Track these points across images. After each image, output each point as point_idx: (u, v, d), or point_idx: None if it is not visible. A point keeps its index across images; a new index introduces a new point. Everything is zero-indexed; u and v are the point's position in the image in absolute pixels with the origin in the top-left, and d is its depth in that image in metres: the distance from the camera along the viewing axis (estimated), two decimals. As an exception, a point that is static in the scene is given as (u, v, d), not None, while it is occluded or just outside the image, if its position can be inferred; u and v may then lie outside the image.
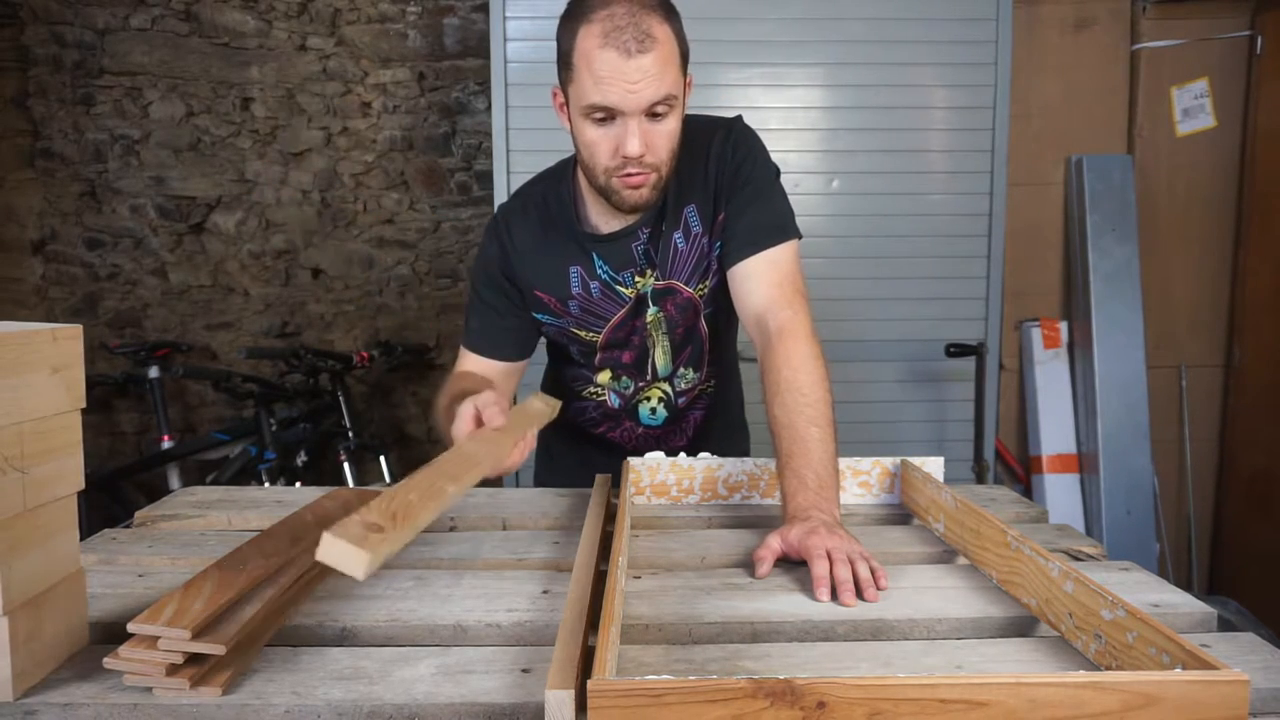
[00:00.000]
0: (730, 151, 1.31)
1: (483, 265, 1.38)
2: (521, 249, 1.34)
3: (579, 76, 1.14)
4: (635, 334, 1.37)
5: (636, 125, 1.14)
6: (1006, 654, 0.78)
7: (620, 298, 1.34)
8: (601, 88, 1.12)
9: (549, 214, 1.35)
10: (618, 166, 1.18)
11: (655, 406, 1.45)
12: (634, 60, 1.10)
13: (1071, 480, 3.00)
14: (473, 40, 3.22)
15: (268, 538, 0.91)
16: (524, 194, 1.40)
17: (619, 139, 1.15)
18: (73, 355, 0.75)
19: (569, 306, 1.35)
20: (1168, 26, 2.95)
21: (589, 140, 1.18)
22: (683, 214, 1.31)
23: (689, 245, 1.33)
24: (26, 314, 3.24)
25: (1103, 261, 2.94)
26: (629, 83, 1.11)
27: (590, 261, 1.33)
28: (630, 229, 1.31)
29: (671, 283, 1.34)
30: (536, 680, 0.71)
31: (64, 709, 0.68)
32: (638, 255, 1.33)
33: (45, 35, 3.17)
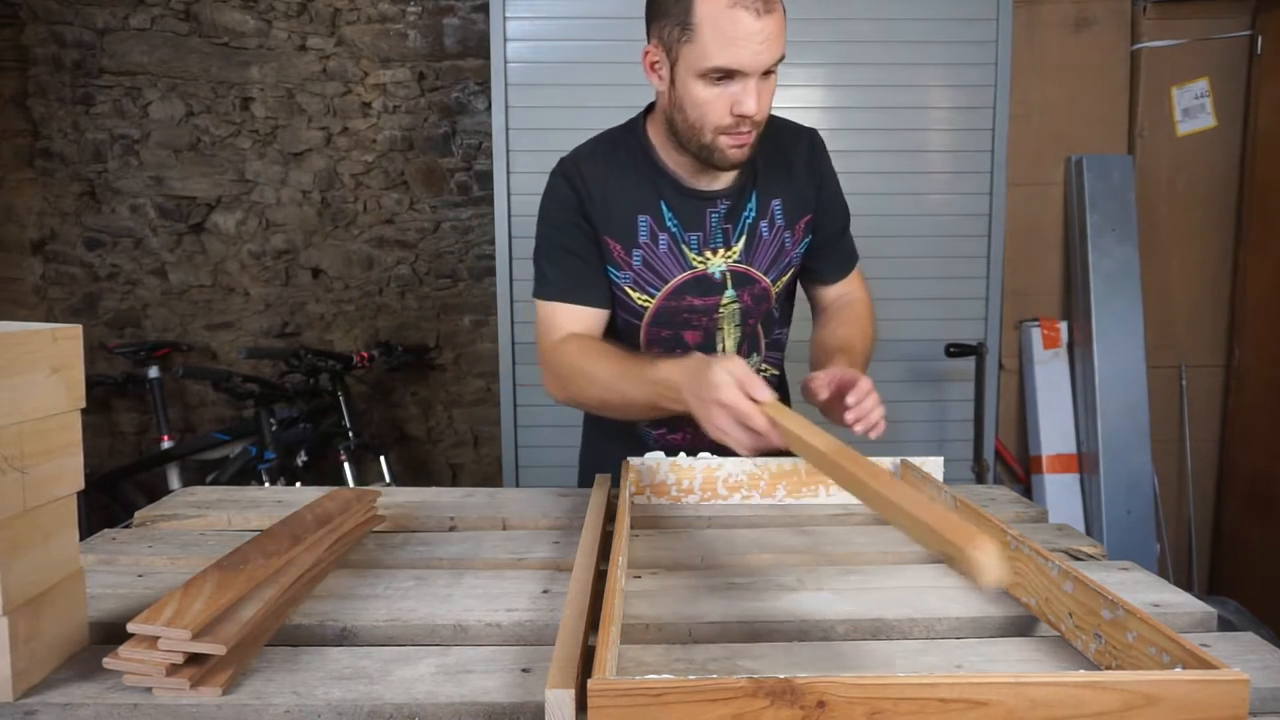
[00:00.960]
0: (819, 163, 1.41)
1: (556, 210, 1.34)
2: (594, 191, 1.31)
3: (700, 37, 1.15)
4: (699, 313, 1.36)
5: (754, 84, 1.17)
6: (1006, 653, 0.78)
7: (684, 261, 1.33)
8: (729, 49, 1.14)
9: (619, 160, 1.34)
10: (730, 125, 1.20)
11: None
12: (761, 21, 1.13)
13: (1071, 480, 3.00)
14: (473, 40, 3.22)
15: (268, 538, 0.91)
16: (589, 143, 1.38)
17: (735, 98, 1.18)
18: (73, 355, 0.75)
19: (632, 258, 1.33)
20: (1168, 26, 2.95)
21: (702, 99, 1.20)
22: (770, 205, 1.36)
23: (772, 236, 1.37)
24: (26, 314, 3.24)
25: (1103, 261, 2.94)
26: (756, 44, 1.14)
27: (659, 211, 1.32)
28: (709, 194, 1.32)
29: (750, 270, 1.36)
30: (536, 680, 0.72)
31: (64, 709, 0.68)
32: (711, 225, 1.33)
33: (45, 35, 3.17)
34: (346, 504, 1.05)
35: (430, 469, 3.45)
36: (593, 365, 1.24)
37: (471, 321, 3.37)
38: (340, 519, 1.00)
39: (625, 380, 1.19)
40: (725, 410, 1.02)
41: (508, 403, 2.71)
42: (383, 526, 1.13)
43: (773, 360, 1.49)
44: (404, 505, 1.22)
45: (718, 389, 1.02)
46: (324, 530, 0.96)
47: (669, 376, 1.11)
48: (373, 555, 1.02)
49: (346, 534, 1.01)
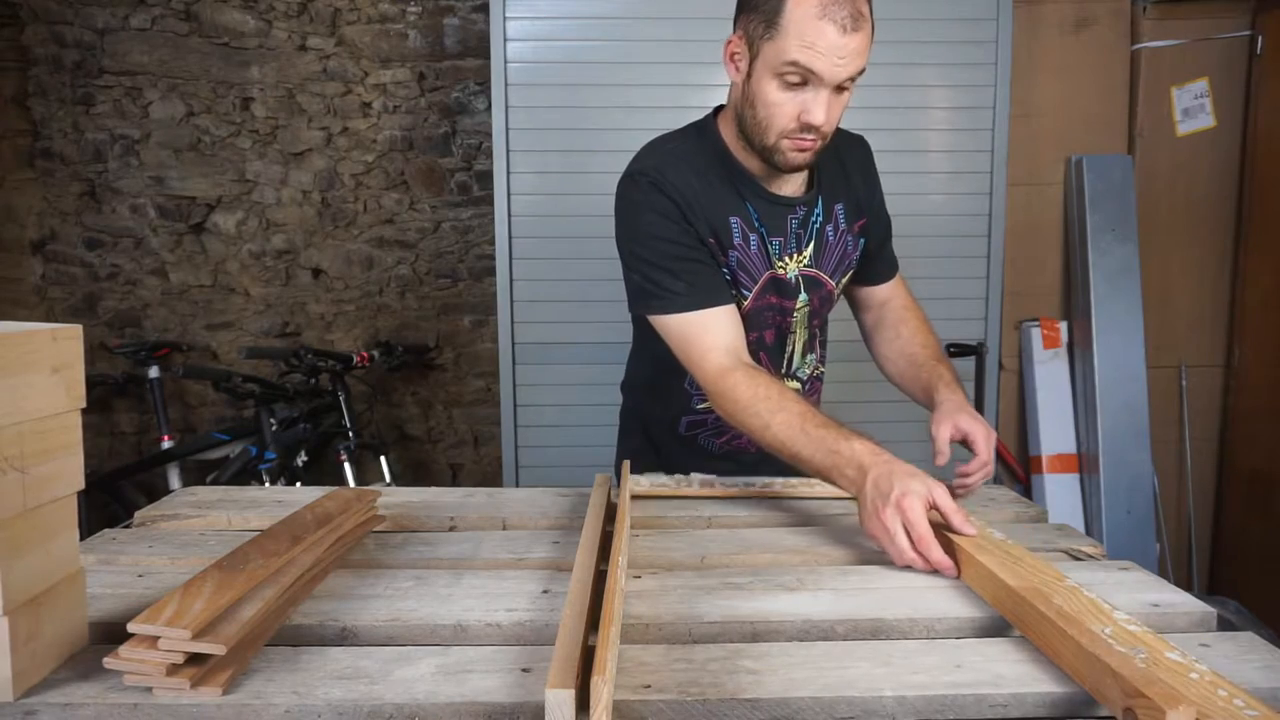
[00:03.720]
0: (872, 172, 1.48)
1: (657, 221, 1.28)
2: (687, 196, 1.29)
3: (784, 37, 1.16)
4: (777, 313, 1.38)
5: (826, 95, 1.18)
6: (1006, 653, 0.78)
7: (769, 261, 1.35)
8: (808, 53, 1.15)
9: (700, 165, 1.32)
10: (795, 130, 1.21)
11: None
12: (846, 37, 1.14)
13: (1071, 480, 3.00)
14: (473, 40, 3.22)
15: (268, 538, 0.91)
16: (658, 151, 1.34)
17: (805, 105, 1.19)
18: (73, 355, 0.75)
19: (730, 258, 1.32)
20: (1168, 26, 2.95)
21: (772, 100, 1.20)
22: (834, 210, 1.40)
23: (836, 240, 1.40)
24: (26, 314, 3.24)
25: (1103, 261, 2.94)
26: (837, 57, 1.15)
27: (747, 213, 1.33)
28: (787, 200, 1.34)
29: (819, 273, 1.39)
30: (536, 680, 0.72)
31: (64, 709, 0.68)
32: (791, 230, 1.35)
33: (45, 35, 3.17)
34: (346, 504, 1.05)
35: (430, 469, 3.45)
36: (769, 411, 1.16)
37: (471, 321, 3.37)
38: (340, 519, 1.00)
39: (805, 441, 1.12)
40: (899, 514, 0.98)
41: (508, 403, 2.71)
42: (383, 526, 1.13)
43: (823, 358, 1.53)
44: (404, 505, 1.22)
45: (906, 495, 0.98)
46: (324, 530, 0.96)
47: (860, 457, 1.05)
48: (373, 555, 1.02)
49: (346, 534, 1.01)
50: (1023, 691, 0.71)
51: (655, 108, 2.62)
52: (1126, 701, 0.63)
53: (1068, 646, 0.72)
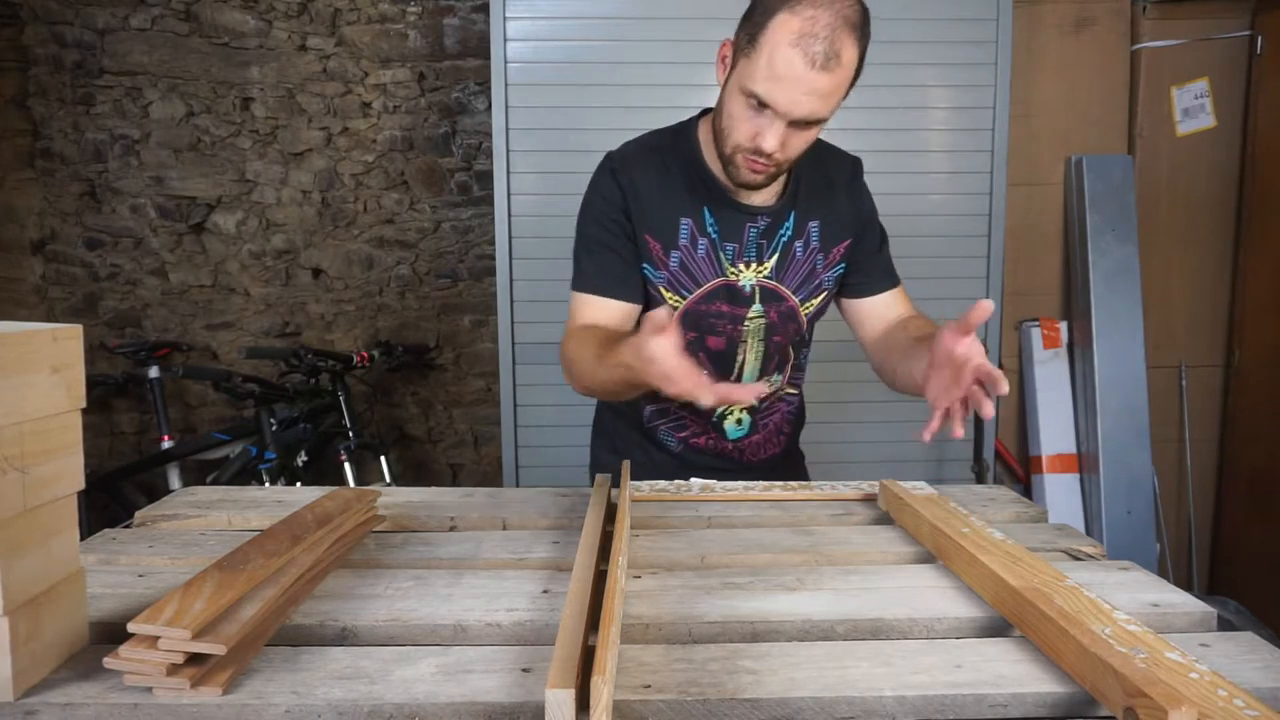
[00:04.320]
0: (860, 192, 1.45)
1: (599, 205, 1.34)
2: (639, 190, 1.32)
3: (756, 56, 1.14)
4: (727, 321, 1.37)
5: (781, 127, 1.16)
6: (1006, 653, 0.78)
7: (719, 268, 1.34)
8: (770, 86, 1.13)
9: (666, 161, 1.34)
10: (749, 150, 1.20)
11: (740, 417, 1.45)
12: (814, 74, 1.11)
13: (1071, 480, 3.00)
14: (473, 40, 3.22)
15: (268, 538, 0.91)
16: (638, 142, 1.39)
17: (760, 129, 1.17)
18: (73, 355, 0.75)
19: (670, 259, 1.33)
20: (1168, 26, 2.95)
21: (733, 114, 1.20)
22: (807, 226, 1.37)
23: (805, 257, 1.38)
24: (26, 314, 3.24)
25: (1102, 261, 2.94)
26: (799, 91, 1.12)
27: (702, 216, 1.33)
28: (751, 209, 1.33)
29: (780, 287, 1.37)
30: (536, 680, 0.72)
31: (64, 709, 0.68)
32: (748, 239, 1.34)
33: (45, 35, 3.17)
34: (346, 504, 1.05)
35: (430, 469, 3.45)
36: (580, 353, 1.24)
37: (471, 321, 3.37)
38: (340, 519, 1.00)
39: (600, 367, 1.18)
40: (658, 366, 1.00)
41: (508, 403, 2.71)
42: (383, 526, 1.13)
43: (795, 381, 1.51)
44: (404, 505, 1.22)
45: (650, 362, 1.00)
46: (324, 530, 0.96)
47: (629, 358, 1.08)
48: (373, 555, 1.02)
49: (346, 534, 1.01)
50: (1023, 691, 0.71)
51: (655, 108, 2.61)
52: (1127, 701, 0.63)
53: (1068, 646, 0.72)
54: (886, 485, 1.21)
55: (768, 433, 1.49)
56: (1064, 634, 0.73)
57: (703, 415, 1.44)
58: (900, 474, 1.42)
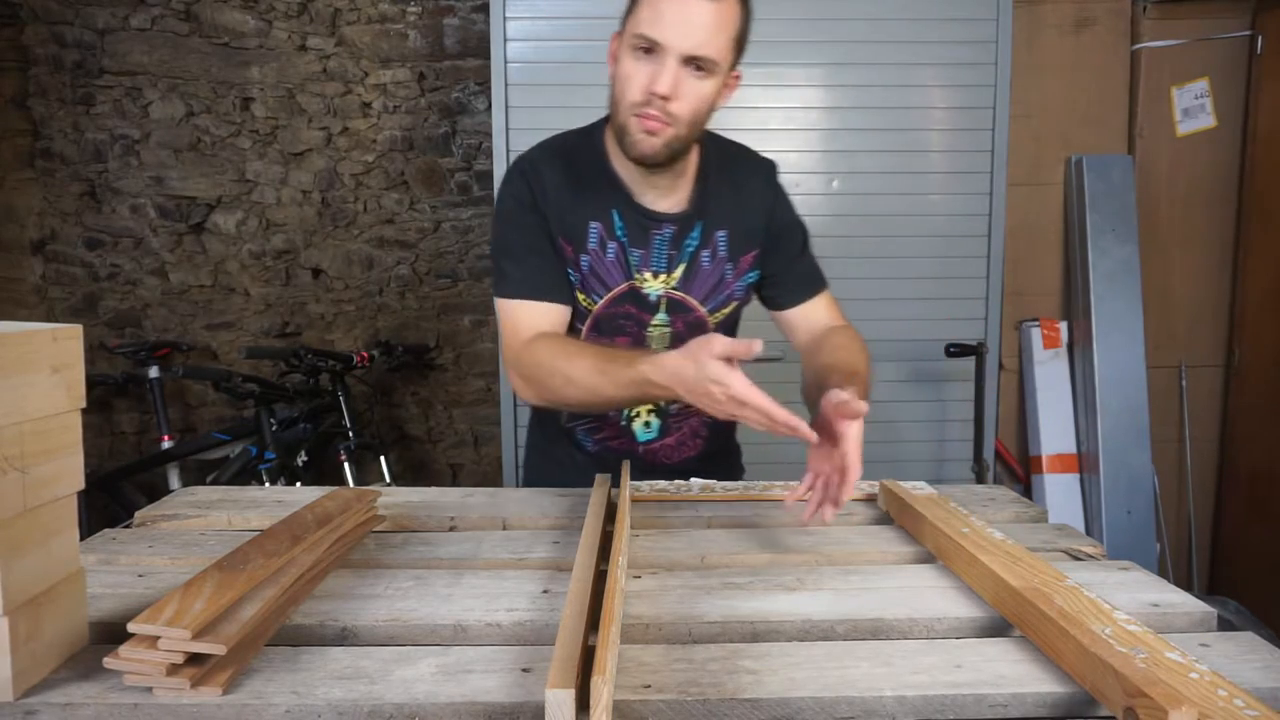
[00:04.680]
0: (774, 197, 1.39)
1: (514, 209, 1.32)
2: (549, 191, 1.30)
3: (638, 8, 1.16)
4: (634, 323, 1.35)
5: (674, 65, 1.15)
6: (1006, 653, 0.78)
7: (628, 271, 1.33)
8: (655, 20, 1.14)
9: (575, 162, 1.33)
10: (642, 103, 1.18)
11: (649, 420, 1.43)
12: (696, 3, 1.12)
13: (1071, 480, 3.00)
14: (473, 40, 3.22)
15: (268, 538, 0.91)
16: (547, 145, 1.37)
17: (653, 75, 1.16)
18: (73, 355, 0.75)
19: (580, 261, 1.32)
20: (1168, 26, 2.95)
21: (625, 73, 1.19)
22: (714, 236, 1.35)
23: (712, 267, 1.36)
24: (26, 314, 3.24)
25: (1103, 261, 2.94)
26: (682, 22, 1.13)
27: (610, 220, 1.31)
28: (657, 215, 1.31)
29: (686, 298, 1.35)
30: (536, 680, 0.72)
31: (64, 709, 0.68)
32: (655, 247, 1.32)
33: (45, 35, 3.16)
34: (346, 504, 1.05)
35: (430, 469, 3.45)
36: (571, 366, 1.19)
37: (471, 321, 3.37)
38: (340, 519, 1.00)
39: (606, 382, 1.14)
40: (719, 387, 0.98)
41: (508, 403, 2.71)
42: (383, 526, 1.13)
43: None
44: (404, 505, 1.22)
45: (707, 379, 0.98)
46: (324, 530, 0.96)
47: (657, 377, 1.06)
48: (373, 555, 1.02)
49: (346, 534, 1.01)
50: (1023, 691, 0.71)
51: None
52: (1128, 701, 0.63)
53: (1069, 646, 0.72)
54: (886, 485, 1.21)
55: (682, 436, 1.45)
56: (1064, 634, 0.73)
57: (613, 418, 1.42)
58: (900, 474, 1.42)
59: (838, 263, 2.69)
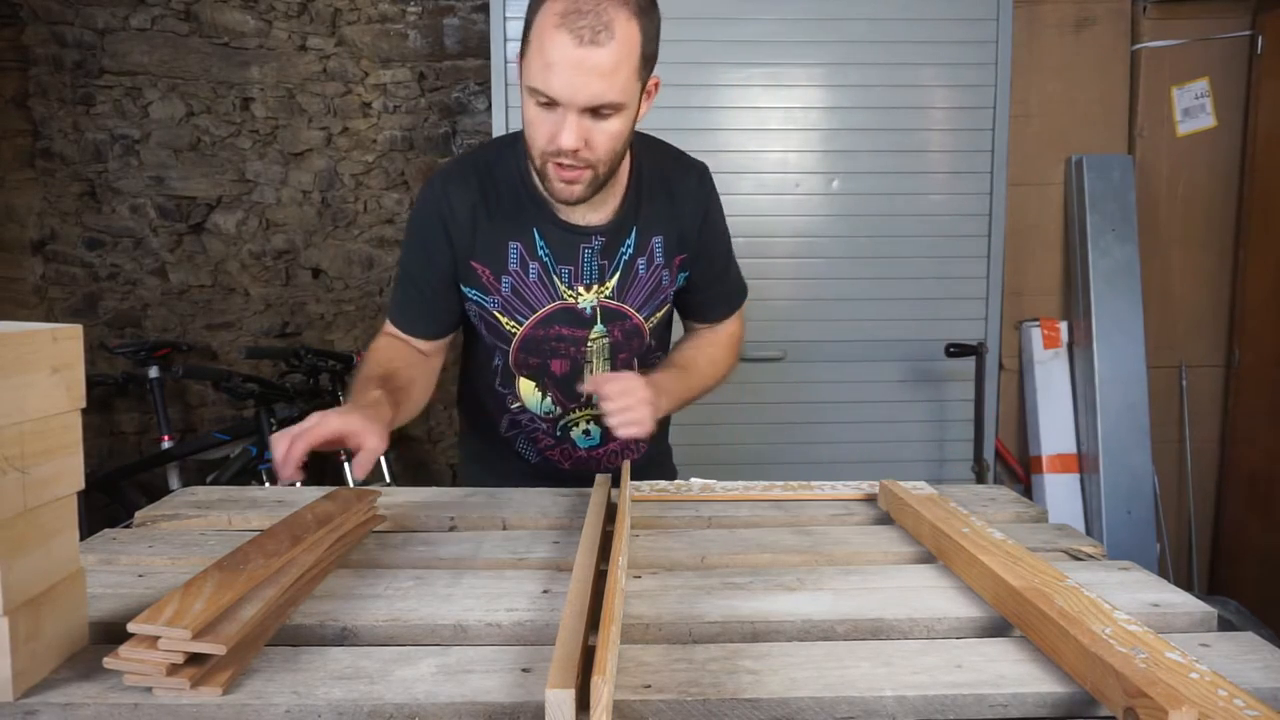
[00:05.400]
0: (705, 198, 1.35)
1: (414, 230, 1.30)
2: (459, 214, 1.25)
3: (530, 53, 1.10)
4: (568, 344, 1.32)
5: (575, 119, 1.09)
6: (1005, 653, 0.78)
7: (555, 291, 1.29)
8: (547, 75, 1.07)
9: (493, 182, 1.27)
10: (553, 153, 1.13)
11: (587, 428, 1.42)
12: (584, 50, 1.04)
13: (1071, 480, 3.00)
14: (473, 40, 3.22)
15: (268, 538, 0.91)
16: (466, 159, 1.32)
17: (556, 127, 1.10)
18: (73, 355, 0.75)
19: (501, 283, 1.28)
20: (1168, 26, 2.95)
21: (529, 119, 1.14)
22: (650, 243, 1.32)
23: (649, 273, 1.33)
24: (26, 314, 3.24)
25: (1103, 261, 2.94)
26: (573, 75, 1.05)
27: (531, 239, 1.27)
28: (583, 229, 1.27)
29: (623, 306, 1.33)
30: (536, 680, 0.72)
31: (64, 709, 0.68)
32: (584, 260, 1.28)
33: (45, 35, 3.16)
34: (346, 504, 1.05)
35: (430, 469, 3.44)
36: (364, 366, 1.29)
37: (471, 321, 3.37)
38: (340, 519, 1.00)
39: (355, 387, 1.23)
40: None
41: (508, 403, 2.70)
42: (383, 526, 1.13)
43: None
44: (404, 505, 1.22)
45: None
46: (324, 530, 0.96)
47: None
48: (373, 555, 1.02)
49: (347, 534, 1.01)
50: (1023, 691, 0.71)
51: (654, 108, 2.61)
52: (1128, 701, 0.63)
53: (1069, 646, 0.72)
54: (886, 485, 1.21)
55: (623, 442, 1.42)
56: (1064, 634, 0.73)
57: (550, 427, 1.41)
58: (900, 474, 1.42)
59: (838, 263, 2.71)
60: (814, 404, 2.75)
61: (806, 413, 2.75)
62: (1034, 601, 0.78)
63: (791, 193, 2.66)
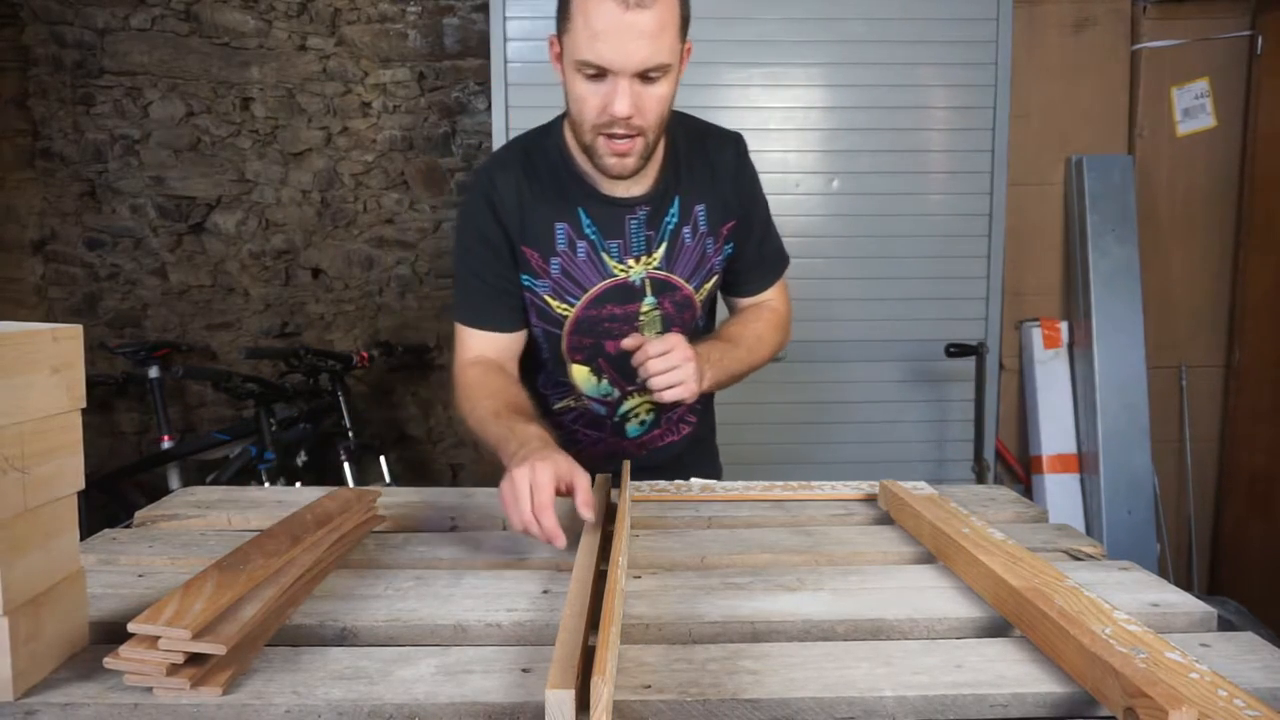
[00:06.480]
0: (742, 169, 1.37)
1: (467, 227, 1.32)
2: (507, 200, 1.28)
3: (574, 27, 1.11)
4: (620, 322, 1.33)
5: (627, 85, 1.12)
6: (1007, 653, 0.78)
7: (604, 269, 1.30)
8: (595, 44, 1.09)
9: (534, 166, 1.30)
10: (605, 124, 1.15)
11: (644, 419, 1.42)
12: (631, 14, 1.07)
13: (1071, 480, 3.00)
14: (473, 40, 3.22)
15: (268, 538, 0.91)
16: (507, 148, 1.35)
17: (608, 97, 1.13)
18: (73, 355, 0.75)
19: (550, 266, 1.30)
20: (1168, 26, 2.95)
21: (578, 95, 1.16)
22: (694, 212, 1.33)
23: (694, 243, 1.34)
24: (26, 314, 3.24)
25: (1103, 261, 2.94)
26: (625, 40, 1.08)
27: (577, 218, 1.29)
28: (627, 201, 1.29)
29: (671, 276, 1.33)
30: (536, 680, 0.72)
31: (64, 709, 0.68)
32: (631, 232, 1.30)
33: (45, 35, 3.16)
34: (346, 504, 1.05)
35: (430, 469, 3.45)
36: (479, 397, 1.22)
37: (471, 321, 3.36)
38: (340, 519, 1.00)
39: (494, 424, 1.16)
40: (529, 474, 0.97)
41: (508, 403, 2.70)
42: (383, 526, 1.13)
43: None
44: (404, 505, 1.22)
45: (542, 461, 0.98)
46: (324, 530, 0.96)
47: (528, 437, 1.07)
48: (373, 555, 1.02)
49: (347, 534, 1.01)
50: (1023, 691, 0.71)
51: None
52: (1128, 701, 0.63)
53: (1069, 646, 0.72)
54: (886, 485, 1.21)
55: (670, 421, 1.45)
56: (1064, 634, 0.73)
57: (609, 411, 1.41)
58: (900, 474, 1.42)
59: (838, 263, 2.71)
60: (814, 404, 2.75)
61: (806, 413, 2.75)
62: (1034, 602, 0.78)
63: (791, 193, 2.66)
